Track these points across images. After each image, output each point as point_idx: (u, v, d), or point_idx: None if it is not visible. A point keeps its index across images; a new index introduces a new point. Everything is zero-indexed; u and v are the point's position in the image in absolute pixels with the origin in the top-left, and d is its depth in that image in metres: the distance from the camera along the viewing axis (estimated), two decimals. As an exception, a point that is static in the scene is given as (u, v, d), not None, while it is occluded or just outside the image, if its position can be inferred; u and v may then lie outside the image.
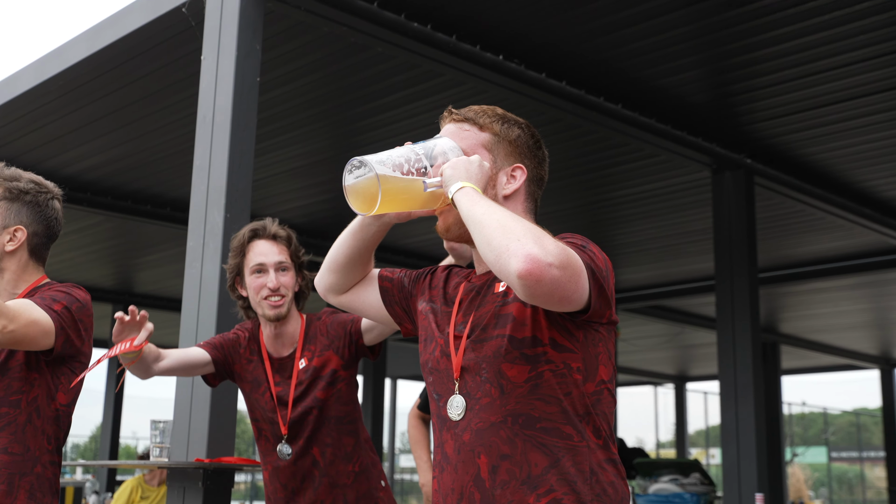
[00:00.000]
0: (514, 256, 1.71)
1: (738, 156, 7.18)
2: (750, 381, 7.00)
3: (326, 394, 3.19)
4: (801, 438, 29.36)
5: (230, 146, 4.33)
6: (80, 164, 7.76)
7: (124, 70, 5.94)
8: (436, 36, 5.30)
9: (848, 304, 13.04)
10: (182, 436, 4.14)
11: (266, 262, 3.19)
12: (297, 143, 7.19)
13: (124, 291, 12.76)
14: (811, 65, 5.81)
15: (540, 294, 1.74)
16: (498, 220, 1.80)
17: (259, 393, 3.22)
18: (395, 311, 2.26)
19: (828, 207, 8.10)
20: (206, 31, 4.65)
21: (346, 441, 3.22)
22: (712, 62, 5.83)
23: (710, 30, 5.39)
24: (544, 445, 1.88)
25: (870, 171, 7.69)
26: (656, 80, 6.05)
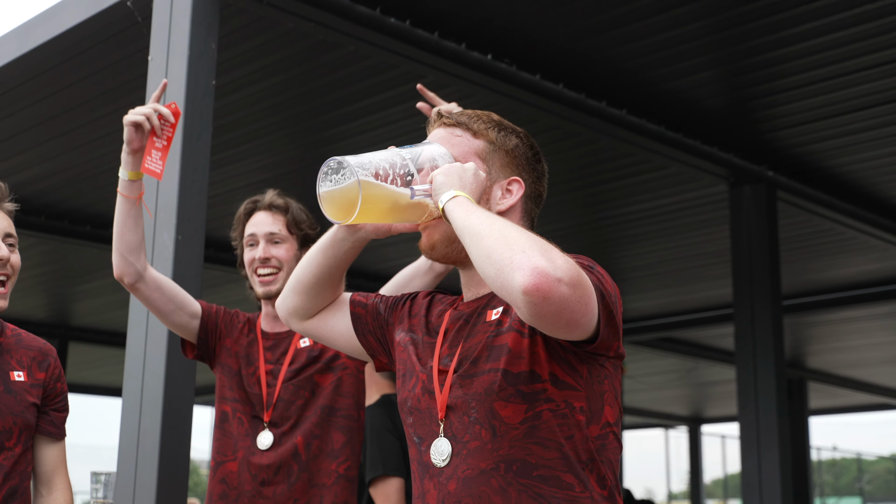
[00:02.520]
0: (520, 270, 1.67)
1: (758, 168, 7.21)
2: (774, 422, 7.01)
3: (324, 379, 3.22)
4: (832, 488, 29.38)
5: (181, 158, 4.32)
6: (9, 180, 7.55)
7: (60, 72, 5.93)
8: (416, 33, 5.30)
9: (883, 335, 13.09)
10: (127, 489, 4.11)
11: (257, 232, 3.28)
12: (259, 155, 7.19)
13: (59, 324, 12.70)
14: (842, 64, 5.84)
15: (546, 314, 1.70)
16: (499, 230, 1.77)
17: (248, 371, 3.24)
18: (369, 342, 2.23)
19: (860, 225, 8.14)
20: (154, 28, 4.64)
21: (335, 437, 3.21)
22: (729, 62, 5.86)
23: (726, 26, 5.42)
24: (542, 496, 1.87)
25: (907, 184, 7.74)
26: (665, 83, 6.08)
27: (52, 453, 2.81)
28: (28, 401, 2.72)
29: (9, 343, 2.77)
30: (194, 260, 4.29)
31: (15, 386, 2.71)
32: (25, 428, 2.70)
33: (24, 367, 2.75)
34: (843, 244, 9.19)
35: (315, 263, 2.18)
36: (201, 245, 4.34)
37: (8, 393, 2.68)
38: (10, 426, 2.65)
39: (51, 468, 2.81)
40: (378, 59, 5.65)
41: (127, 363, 4.30)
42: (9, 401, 2.67)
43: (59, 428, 2.83)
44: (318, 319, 2.26)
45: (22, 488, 2.69)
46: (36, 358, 2.80)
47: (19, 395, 2.70)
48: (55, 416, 2.81)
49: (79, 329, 12.88)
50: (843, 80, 6.04)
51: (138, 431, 4.15)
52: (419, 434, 2.02)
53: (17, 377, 2.72)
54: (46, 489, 2.80)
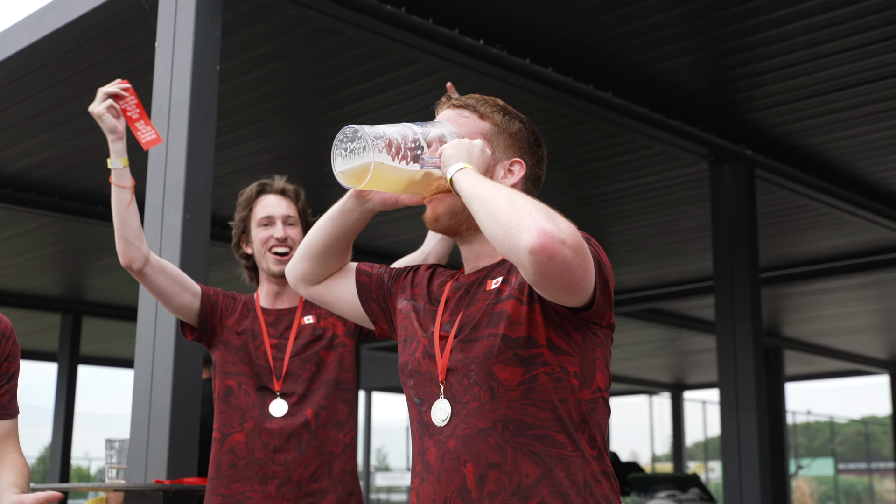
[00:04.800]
0: (526, 231, 1.70)
1: (737, 147, 7.21)
2: (752, 388, 7.03)
3: (328, 355, 3.25)
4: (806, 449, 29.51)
5: (188, 141, 4.31)
6: (24, 162, 7.71)
7: (71, 59, 5.90)
8: (411, 19, 5.28)
9: (855, 306, 13.13)
10: (140, 455, 4.11)
11: (274, 213, 3.31)
12: (262, 137, 7.17)
13: (74, 300, 12.69)
14: (817, 48, 5.83)
15: (550, 273, 1.72)
16: (506, 196, 1.79)
17: (254, 345, 3.25)
18: (372, 309, 2.25)
19: (834, 202, 8.15)
20: (161, 15, 4.62)
21: (341, 408, 3.24)
22: (710, 46, 5.84)
23: (707, 11, 5.40)
24: (536, 454, 1.88)
25: (879, 162, 7.74)
26: (649, 66, 6.06)
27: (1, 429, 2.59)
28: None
29: None
30: (201, 237, 4.28)
31: None
32: None
33: None
34: (817, 219, 9.20)
35: (324, 232, 2.19)
36: (208, 223, 4.33)
37: None
38: None
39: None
40: (375, 45, 5.63)
41: (138, 336, 4.30)
42: None
43: (6, 408, 2.60)
44: (324, 285, 2.27)
45: None
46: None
47: None
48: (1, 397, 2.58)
49: (92, 304, 12.87)
50: (817, 63, 6.03)
51: (150, 401, 4.15)
52: (419, 395, 2.03)
53: None
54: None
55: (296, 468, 3.15)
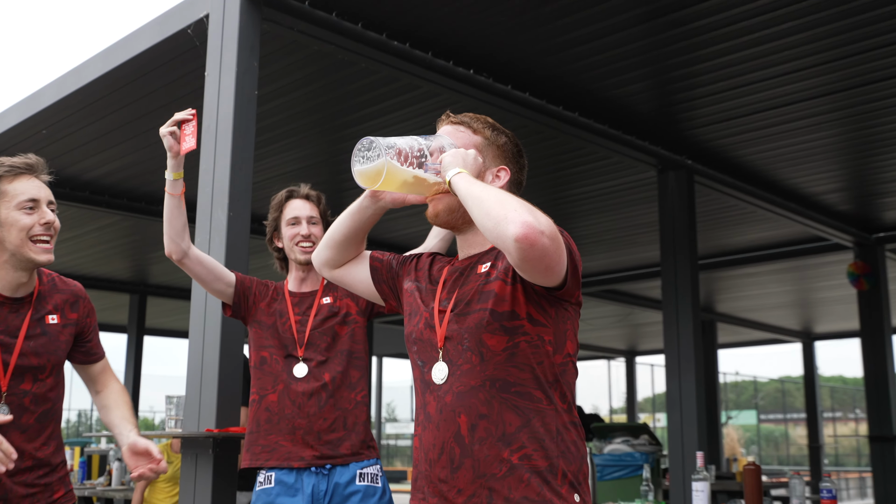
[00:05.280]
0: (513, 223, 1.71)
1: (679, 157, 7.20)
2: (691, 354, 7.03)
3: (342, 329, 3.27)
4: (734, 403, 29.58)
5: (232, 152, 4.29)
6: (99, 171, 7.69)
7: (136, 86, 5.87)
8: (414, 53, 5.27)
9: (775, 287, 13.14)
10: (193, 409, 4.11)
11: (300, 215, 3.34)
12: (292, 149, 7.15)
13: (140, 282, 12.69)
14: (743, 77, 5.82)
15: (531, 258, 1.74)
16: (496, 195, 1.81)
17: (281, 322, 3.27)
18: (382, 289, 2.25)
19: (758, 202, 8.14)
20: (209, 50, 4.60)
21: (352, 373, 3.26)
22: (657, 75, 5.83)
23: (654, 47, 5.39)
24: (517, 407, 1.90)
25: (794, 170, 7.73)
26: (608, 92, 6.04)
27: (96, 368, 2.72)
28: (60, 340, 2.62)
29: (45, 290, 2.64)
30: (242, 231, 4.28)
31: (50, 328, 2.60)
32: (57, 364, 2.61)
33: (58, 310, 2.64)
34: (744, 217, 9.20)
35: (345, 225, 2.20)
36: (248, 219, 4.32)
37: (44, 335, 2.58)
38: (44, 363, 2.56)
39: (96, 375, 2.72)
40: (384, 74, 5.61)
41: (192, 312, 4.29)
42: (44, 342, 2.58)
43: (95, 353, 2.73)
44: (344, 269, 2.27)
45: (53, 410, 2.61)
46: (68, 300, 2.68)
47: (53, 336, 2.60)
48: (89, 346, 2.72)
49: (154, 286, 12.85)
50: (745, 90, 6.02)
51: (201, 364, 4.14)
52: (422, 359, 2.03)
53: (52, 320, 2.61)
54: (100, 387, 2.73)
55: (316, 421, 3.16)
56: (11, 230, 2.51)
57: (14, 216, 2.52)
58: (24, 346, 2.53)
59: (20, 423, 2.50)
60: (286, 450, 3.14)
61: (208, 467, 3.91)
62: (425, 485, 1.96)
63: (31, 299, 2.59)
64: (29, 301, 2.59)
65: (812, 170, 7.74)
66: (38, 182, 2.60)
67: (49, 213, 2.57)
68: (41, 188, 2.59)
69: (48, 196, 2.60)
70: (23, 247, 2.51)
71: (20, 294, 2.57)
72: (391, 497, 3.25)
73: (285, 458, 3.14)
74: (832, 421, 28.51)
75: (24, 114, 6.33)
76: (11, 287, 2.55)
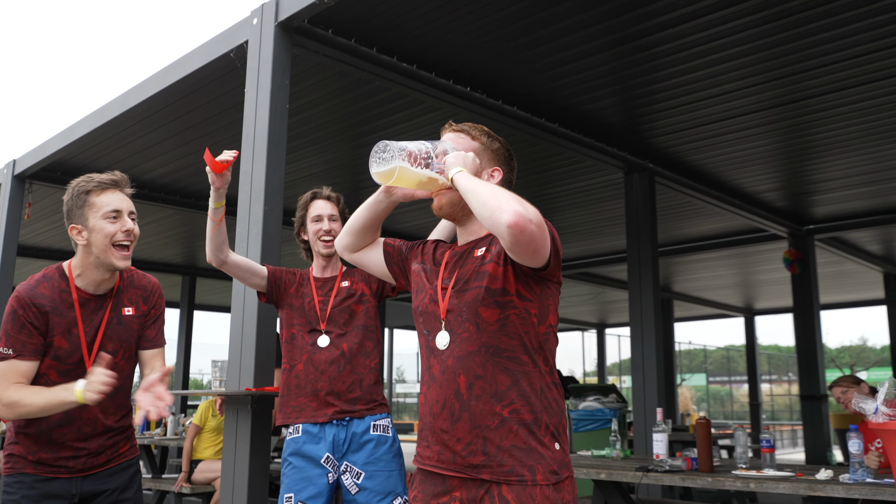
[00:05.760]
0: (506, 213, 1.71)
1: (643, 161, 7.17)
2: (652, 327, 7.03)
3: (358, 307, 3.27)
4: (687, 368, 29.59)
5: (267, 156, 4.27)
6: (156, 172, 7.67)
7: (187, 101, 5.85)
8: (420, 73, 5.24)
9: (722, 270, 13.14)
10: (235, 371, 4.10)
11: (322, 213, 3.35)
12: (317, 154, 7.13)
13: (190, 266, 12.69)
14: (696, 94, 5.80)
15: (521, 242, 1.73)
16: (492, 189, 1.81)
17: (307, 302, 3.28)
18: (393, 269, 2.25)
19: (708, 199, 8.12)
20: (248, 71, 4.57)
21: (367, 343, 3.26)
22: (623, 93, 5.80)
23: (621, 69, 5.37)
24: (508, 370, 1.89)
25: (738, 172, 7.71)
26: (582, 106, 6.02)
27: (149, 353, 2.69)
28: (133, 329, 2.63)
29: (123, 285, 2.65)
30: (276, 223, 4.26)
31: (125, 319, 2.61)
32: (129, 349, 2.62)
33: (133, 303, 2.64)
34: (697, 211, 9.18)
35: (362, 216, 2.20)
36: (280, 213, 4.31)
37: (119, 324, 2.59)
38: (118, 348, 2.58)
39: (148, 359, 2.69)
40: (394, 91, 5.59)
41: (234, 291, 4.28)
42: (119, 331, 2.59)
43: (152, 340, 2.69)
44: (361, 253, 2.27)
45: (124, 386, 2.63)
46: (142, 294, 2.68)
47: (127, 325, 2.61)
48: (148, 333, 2.68)
49: (202, 269, 12.84)
50: (698, 104, 6.00)
51: (241, 335, 4.14)
52: (427, 328, 2.03)
53: (127, 312, 2.61)
54: (148, 371, 2.72)
55: (336, 383, 3.17)
56: (98, 236, 2.52)
57: (100, 224, 2.52)
58: (104, 336, 2.55)
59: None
60: (312, 409, 3.16)
61: (247, 420, 3.92)
62: (429, 434, 1.96)
63: (112, 294, 2.61)
64: (110, 296, 2.61)
65: (754, 172, 7.73)
66: (121, 195, 2.59)
67: (129, 222, 2.57)
68: (124, 200, 2.59)
69: (129, 207, 2.60)
70: (106, 251, 2.52)
71: (101, 291, 2.59)
72: (399, 445, 3.26)
73: (311, 416, 3.16)
74: (769, 382, 28.54)
75: (94, 124, 6.31)
76: (94, 284, 2.57)
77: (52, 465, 2.50)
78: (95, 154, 7.12)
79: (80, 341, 2.50)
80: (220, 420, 6.84)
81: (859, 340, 43.06)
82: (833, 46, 5.08)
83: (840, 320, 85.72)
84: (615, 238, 10.46)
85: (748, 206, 8.68)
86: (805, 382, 9.88)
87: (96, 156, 7.16)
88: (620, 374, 27.14)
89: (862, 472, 3.69)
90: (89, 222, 2.53)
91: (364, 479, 3.10)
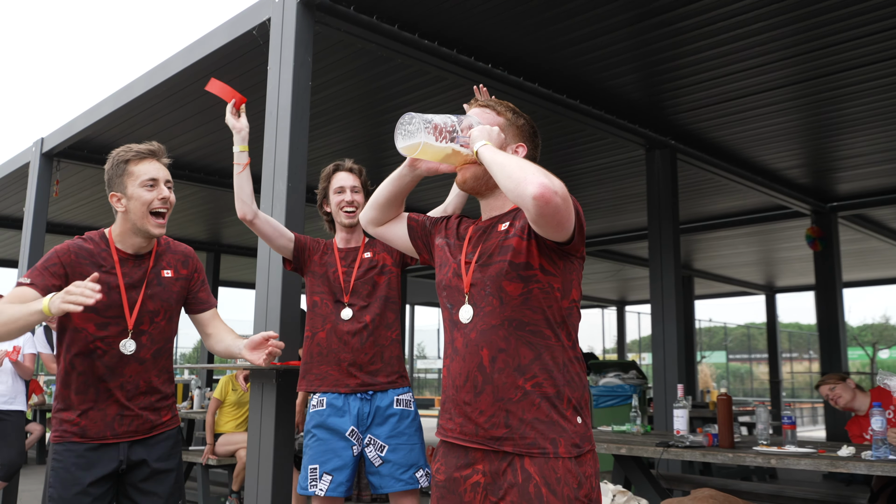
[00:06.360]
0: (531, 184, 1.69)
1: (664, 138, 7.11)
2: (672, 304, 7.00)
3: (380, 278, 3.27)
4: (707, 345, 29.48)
5: (290, 133, 4.28)
6: (181, 150, 7.71)
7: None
8: (441, 50, 5.21)
9: (743, 248, 13.04)
10: (259, 346, 4.13)
11: (345, 184, 3.36)
12: (339, 131, 7.13)
13: (214, 242, 12.77)
14: (719, 69, 5.72)
15: (547, 214, 1.71)
16: (517, 161, 1.79)
17: (331, 272, 3.29)
18: (417, 244, 2.24)
19: (730, 176, 8.04)
20: (271, 48, 4.57)
21: (388, 315, 3.27)
22: (645, 69, 5.74)
23: (643, 45, 5.31)
24: (531, 343, 1.88)
25: (761, 149, 7.62)
26: (604, 82, 5.96)
27: (206, 315, 2.80)
28: (173, 290, 2.70)
29: (161, 250, 2.74)
30: (299, 199, 4.27)
31: (164, 280, 2.69)
32: (169, 310, 2.69)
33: (171, 266, 2.73)
34: (718, 188, 9.10)
35: (386, 190, 2.19)
36: (303, 190, 4.32)
37: (159, 285, 2.67)
38: (158, 308, 2.65)
39: (207, 321, 2.80)
40: (416, 68, 5.56)
41: (258, 267, 4.32)
42: (159, 291, 2.66)
43: (205, 302, 2.80)
44: (385, 227, 2.27)
45: (166, 347, 2.69)
46: (180, 259, 2.77)
47: (167, 287, 2.69)
48: (199, 296, 2.79)
49: (227, 245, 12.93)
50: (721, 80, 5.93)
51: (266, 310, 4.17)
52: (451, 302, 2.03)
53: (166, 274, 2.70)
54: (211, 330, 2.80)
55: (358, 354, 3.18)
56: (135, 204, 2.61)
57: (138, 192, 2.61)
58: (144, 294, 2.62)
59: (139, 356, 2.60)
60: (334, 378, 3.18)
61: (272, 393, 3.96)
62: (452, 406, 1.97)
63: (151, 256, 2.69)
64: (149, 257, 2.69)
65: (777, 149, 7.64)
66: (158, 164, 2.68)
67: (165, 189, 2.66)
68: (160, 169, 2.68)
69: (166, 176, 2.68)
70: (143, 219, 2.61)
71: (141, 252, 2.68)
72: (420, 420, 3.28)
73: (334, 385, 3.17)
74: (789, 360, 28.37)
75: (119, 102, 6.34)
76: (134, 248, 2.66)
77: (101, 427, 2.55)
78: (121, 132, 7.17)
79: (121, 296, 2.57)
80: (239, 394, 6.94)
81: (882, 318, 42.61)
82: (859, 21, 4.99)
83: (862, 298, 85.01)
84: (636, 215, 10.39)
85: (771, 182, 8.59)
86: (826, 360, 9.81)
87: (122, 133, 7.21)
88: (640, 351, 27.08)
89: (885, 449, 3.66)
90: (128, 190, 2.62)
91: (388, 452, 3.13)
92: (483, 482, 1.89)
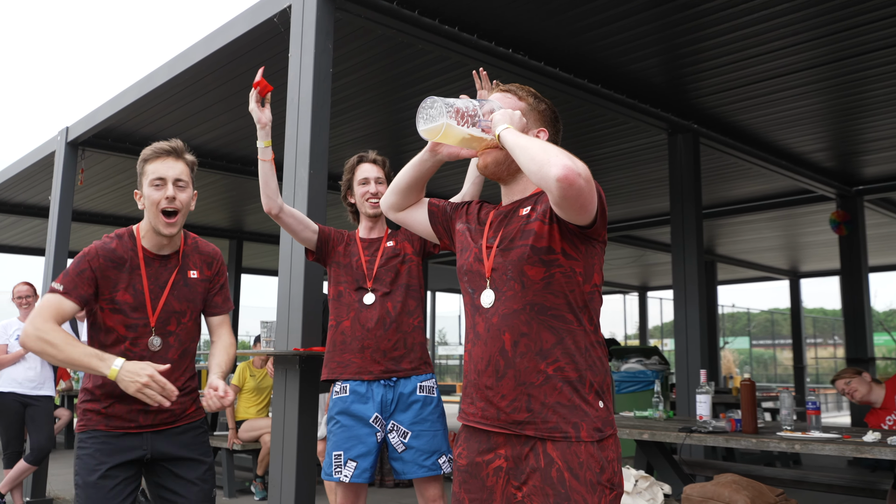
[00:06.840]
0: (555, 166, 1.68)
1: (687, 122, 7.05)
2: (695, 289, 6.96)
3: (402, 267, 3.29)
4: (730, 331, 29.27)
5: (311, 120, 4.29)
6: (203, 138, 7.75)
7: (232, 66, 5.88)
8: (461, 35, 5.19)
9: (767, 232, 12.92)
10: (283, 332, 4.17)
11: (369, 176, 3.38)
12: (361, 118, 7.13)
13: (237, 230, 12.85)
14: (742, 52, 5.66)
15: (570, 196, 1.70)
16: (540, 144, 1.78)
17: (354, 261, 3.31)
18: (438, 229, 2.24)
19: (754, 160, 7.97)
20: (292, 35, 4.57)
21: (410, 302, 3.28)
22: (667, 52, 5.68)
23: (665, 28, 5.26)
24: (553, 328, 1.88)
25: (785, 132, 7.53)
26: (626, 66, 5.91)
27: (217, 320, 2.79)
28: (198, 291, 2.71)
29: (188, 249, 2.73)
30: (321, 187, 4.29)
31: (190, 281, 2.69)
32: (194, 309, 2.70)
33: (197, 267, 2.72)
34: (741, 173, 9.02)
35: (408, 175, 2.19)
36: (325, 176, 4.33)
37: (185, 286, 2.67)
38: (184, 308, 2.66)
39: (213, 327, 2.80)
40: (436, 54, 5.55)
41: (281, 254, 4.34)
42: (185, 291, 2.67)
43: (220, 307, 2.79)
44: (406, 212, 2.27)
45: (191, 348, 2.71)
46: (206, 260, 2.77)
47: (192, 287, 2.69)
48: (216, 299, 2.78)
49: (249, 233, 13.01)
50: (743, 63, 5.86)
51: (289, 297, 4.19)
52: (472, 287, 2.03)
53: (192, 275, 2.70)
54: (215, 338, 2.79)
55: (381, 341, 3.19)
56: (147, 202, 2.63)
57: (148, 191, 2.62)
58: (169, 294, 2.63)
59: (166, 357, 2.61)
60: (357, 365, 3.19)
61: (295, 379, 3.98)
62: (474, 391, 1.97)
63: (179, 256, 2.70)
64: (176, 257, 2.69)
65: (801, 132, 7.54)
66: (169, 162, 2.64)
67: (172, 189, 2.62)
68: (171, 168, 2.64)
69: (176, 175, 2.64)
70: (155, 218, 2.61)
71: (165, 252, 2.68)
72: (443, 406, 3.29)
73: (357, 372, 3.19)
74: (814, 346, 28.13)
75: (142, 91, 6.38)
76: (157, 247, 2.66)
77: (125, 419, 2.58)
78: (144, 120, 7.22)
79: (145, 297, 2.58)
80: (258, 380, 7.02)
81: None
82: (883, 2, 4.91)
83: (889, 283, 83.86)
84: (658, 200, 10.32)
85: (795, 166, 8.49)
86: (852, 346, 9.72)
87: (145, 122, 7.26)
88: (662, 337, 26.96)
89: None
90: (143, 189, 2.64)
91: (411, 439, 3.14)
92: (505, 466, 1.90)
